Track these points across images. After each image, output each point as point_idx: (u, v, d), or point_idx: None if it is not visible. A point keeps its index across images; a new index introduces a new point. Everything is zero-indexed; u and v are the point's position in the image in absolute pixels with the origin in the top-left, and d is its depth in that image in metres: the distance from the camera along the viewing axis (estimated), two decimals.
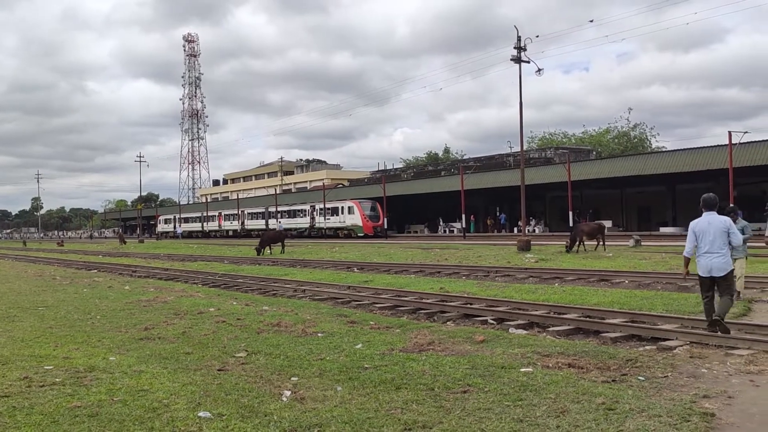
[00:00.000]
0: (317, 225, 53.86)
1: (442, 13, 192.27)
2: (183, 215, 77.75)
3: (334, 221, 51.65)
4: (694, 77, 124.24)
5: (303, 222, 56.02)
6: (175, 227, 76.45)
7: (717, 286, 7.86)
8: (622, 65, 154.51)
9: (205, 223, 71.31)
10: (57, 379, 6.33)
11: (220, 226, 68.27)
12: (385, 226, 48.93)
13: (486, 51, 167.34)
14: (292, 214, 57.77)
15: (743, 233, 10.50)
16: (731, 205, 10.59)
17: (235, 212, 66.40)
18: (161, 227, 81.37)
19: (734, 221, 9.99)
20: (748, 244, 11.38)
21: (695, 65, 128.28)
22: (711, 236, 7.77)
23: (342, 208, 50.92)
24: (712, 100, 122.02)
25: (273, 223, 58.21)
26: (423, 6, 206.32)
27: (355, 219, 49.54)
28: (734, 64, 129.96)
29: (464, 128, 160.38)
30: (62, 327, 10.13)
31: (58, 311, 12.16)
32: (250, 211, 64.58)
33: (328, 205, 52.49)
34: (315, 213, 54.32)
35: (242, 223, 64.07)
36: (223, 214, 68.97)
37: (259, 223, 61.28)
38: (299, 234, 55.79)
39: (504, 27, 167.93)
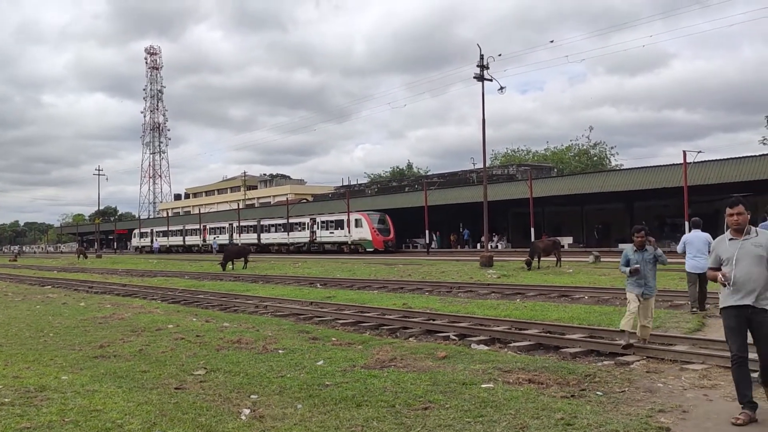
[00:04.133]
0: (318, 239, 49.84)
1: (397, 33, 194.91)
2: (161, 228, 72.98)
3: (338, 235, 47.53)
4: (641, 99, 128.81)
5: (301, 236, 51.70)
6: (152, 241, 72.08)
7: (699, 279, 11.11)
8: (574, 86, 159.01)
9: (186, 237, 67.15)
10: (6, 399, 6.12)
11: (204, 240, 63.78)
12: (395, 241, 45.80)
13: (442, 70, 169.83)
14: (289, 227, 53.25)
15: (660, 261, 8.44)
16: (636, 225, 8.99)
17: (223, 225, 62.21)
18: (136, 242, 76.63)
19: (643, 247, 8.35)
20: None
21: (642, 88, 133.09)
22: (697, 246, 11.13)
23: (348, 220, 46.60)
24: (659, 121, 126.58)
25: (270, 237, 55.04)
26: (379, 25, 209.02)
27: (363, 233, 45.32)
28: (678, 88, 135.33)
29: (424, 145, 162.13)
30: (13, 345, 9.81)
31: (8, 329, 11.77)
32: (240, 224, 59.87)
33: (331, 218, 48.67)
34: (316, 226, 50.01)
35: (231, 237, 59.76)
36: (208, 227, 64.28)
37: (251, 237, 57.24)
38: (297, 249, 51.88)
39: (459, 47, 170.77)
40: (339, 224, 47.63)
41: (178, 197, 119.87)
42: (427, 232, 42.70)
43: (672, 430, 5.01)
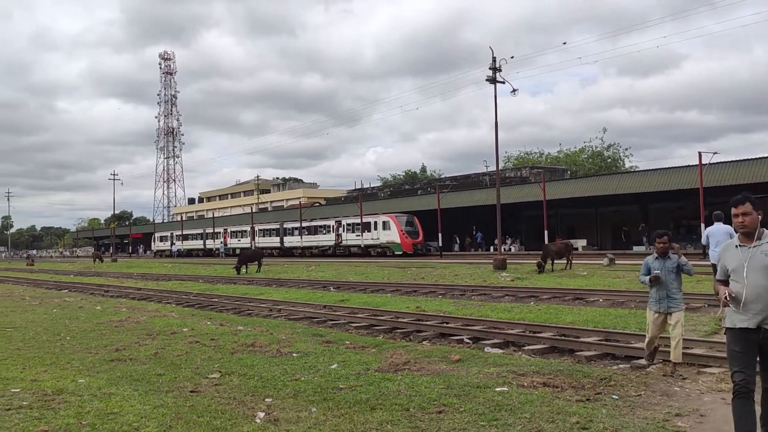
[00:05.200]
0: (344, 242, 48.62)
1: (406, 37, 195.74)
2: (179, 232, 72.04)
3: (365, 238, 46.16)
4: (653, 101, 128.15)
5: (326, 239, 50.44)
6: (172, 244, 71.29)
7: None
8: (585, 88, 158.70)
9: (207, 240, 66.09)
10: (24, 402, 6.18)
11: (226, 244, 62.52)
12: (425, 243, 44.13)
13: (451, 74, 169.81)
14: (313, 230, 51.88)
15: (685, 270, 7.30)
16: (658, 230, 7.65)
17: (245, 228, 60.62)
18: (157, 245, 75.75)
19: (666, 254, 7.28)
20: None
21: (653, 89, 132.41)
22: (718, 237, 11.55)
23: (375, 223, 45.27)
24: (672, 123, 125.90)
25: (294, 240, 53.33)
26: (388, 30, 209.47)
27: (391, 235, 43.95)
28: (690, 89, 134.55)
29: (435, 148, 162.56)
30: (30, 348, 9.90)
31: (26, 332, 11.89)
32: (261, 227, 58.34)
33: (357, 220, 47.08)
34: (341, 229, 48.82)
35: (253, 240, 58.24)
36: (230, 230, 62.96)
37: (273, 241, 55.67)
38: (322, 252, 50.57)
39: (468, 51, 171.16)
40: (366, 227, 46.14)
41: (192, 201, 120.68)
42: (440, 234, 42.62)
43: None
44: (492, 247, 44.52)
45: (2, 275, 43.42)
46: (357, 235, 47.35)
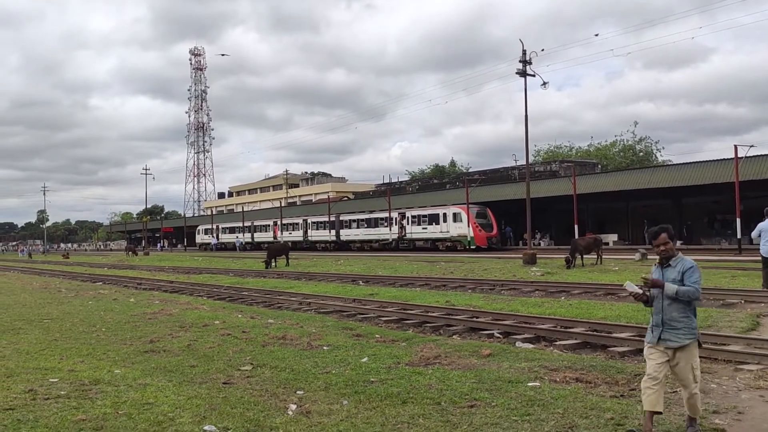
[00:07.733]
0: (409, 235, 45.21)
1: (429, 33, 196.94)
2: (225, 225, 70.72)
3: (433, 231, 42.97)
4: (681, 94, 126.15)
5: (387, 232, 47.11)
6: (217, 237, 69.56)
7: None
8: (611, 82, 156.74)
9: (255, 234, 64.17)
10: (62, 392, 6.32)
11: (275, 237, 59.86)
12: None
13: (475, 68, 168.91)
14: (372, 222, 48.70)
15: (683, 296, 4.78)
16: (653, 227, 5.31)
17: (297, 221, 58.50)
18: (200, 238, 74.28)
19: (668, 261, 5.11)
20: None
21: (681, 83, 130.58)
22: None
23: (445, 215, 41.87)
24: (701, 116, 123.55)
25: (351, 233, 50.74)
26: (410, 26, 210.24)
27: (463, 228, 40.41)
28: (719, 82, 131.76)
29: (460, 142, 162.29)
30: (67, 339, 10.13)
31: (63, 324, 12.17)
32: (314, 220, 55.87)
33: (425, 212, 43.97)
34: (405, 221, 45.44)
35: (306, 233, 56.24)
36: (279, 223, 60.15)
37: (328, 234, 53.25)
38: (382, 246, 47.04)
39: (491, 46, 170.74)
40: (434, 219, 42.86)
41: (222, 195, 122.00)
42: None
43: (727, 431, 4.86)
44: (521, 242, 44.15)
45: (39, 268, 44.50)
46: (423, 228, 44.16)
